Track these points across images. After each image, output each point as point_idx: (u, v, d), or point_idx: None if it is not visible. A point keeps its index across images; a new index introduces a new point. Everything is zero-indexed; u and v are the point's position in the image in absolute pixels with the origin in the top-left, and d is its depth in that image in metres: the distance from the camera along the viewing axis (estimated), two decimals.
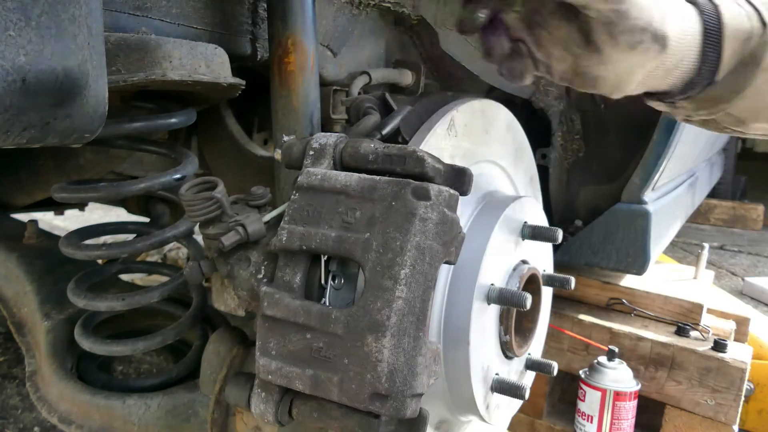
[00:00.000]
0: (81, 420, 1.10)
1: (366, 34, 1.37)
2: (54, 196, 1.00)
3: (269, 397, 0.73)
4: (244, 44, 1.09)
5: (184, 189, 0.78)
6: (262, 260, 0.77)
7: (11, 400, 2.24)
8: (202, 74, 0.87)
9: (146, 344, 1.08)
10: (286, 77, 1.03)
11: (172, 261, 3.54)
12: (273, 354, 0.69)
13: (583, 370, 1.62)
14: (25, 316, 1.33)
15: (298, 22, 1.00)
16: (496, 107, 1.15)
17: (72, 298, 1.09)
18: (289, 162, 0.81)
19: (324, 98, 1.20)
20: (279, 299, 0.69)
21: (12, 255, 1.41)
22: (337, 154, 0.77)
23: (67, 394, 1.12)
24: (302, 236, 0.69)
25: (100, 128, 0.66)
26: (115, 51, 0.77)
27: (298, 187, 0.73)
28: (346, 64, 1.33)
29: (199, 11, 0.98)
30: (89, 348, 1.09)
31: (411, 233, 0.65)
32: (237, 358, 0.89)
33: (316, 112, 1.08)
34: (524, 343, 1.10)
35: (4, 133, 0.55)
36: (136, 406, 1.08)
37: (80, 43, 0.57)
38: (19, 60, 0.51)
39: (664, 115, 1.69)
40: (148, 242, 1.08)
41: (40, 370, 1.22)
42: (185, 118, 0.98)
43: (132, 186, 0.97)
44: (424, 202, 0.67)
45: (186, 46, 0.85)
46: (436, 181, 0.71)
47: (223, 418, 0.90)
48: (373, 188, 0.69)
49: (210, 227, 0.77)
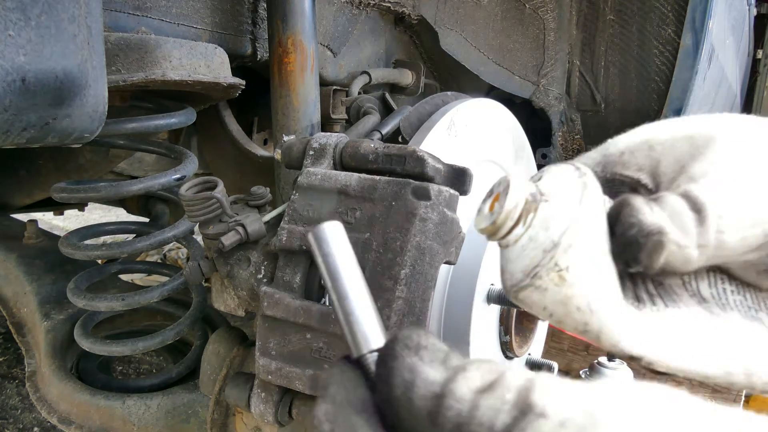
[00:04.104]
0: (81, 420, 1.10)
1: (366, 34, 1.37)
2: (54, 196, 1.00)
3: (269, 397, 0.73)
4: (244, 44, 1.09)
5: (183, 189, 0.78)
6: (262, 260, 0.77)
7: (11, 400, 2.24)
8: (202, 74, 0.87)
9: (146, 344, 1.08)
10: (286, 77, 1.03)
11: (172, 261, 3.54)
12: (273, 354, 0.69)
13: (583, 370, 1.62)
14: (24, 316, 1.33)
15: (298, 22, 0.99)
16: (496, 107, 1.15)
17: (72, 298, 1.08)
18: (289, 162, 0.81)
19: (324, 98, 1.20)
20: (279, 299, 0.69)
21: (12, 255, 1.41)
22: (337, 154, 0.77)
23: (67, 394, 1.12)
24: (302, 236, 0.69)
25: (100, 128, 0.66)
26: (115, 51, 0.77)
27: (298, 187, 0.73)
28: (346, 64, 1.33)
29: (199, 11, 0.98)
30: (89, 348, 1.09)
31: (411, 233, 0.65)
32: (237, 358, 0.89)
33: (316, 112, 1.08)
34: (524, 343, 1.10)
35: (4, 133, 0.55)
36: (136, 406, 1.08)
37: (80, 43, 0.57)
38: (18, 60, 0.51)
39: (664, 115, 1.69)
40: (148, 242, 1.08)
41: (40, 370, 1.22)
42: (185, 118, 0.98)
43: (132, 186, 0.97)
44: (424, 202, 0.66)
45: (186, 46, 0.85)
46: (436, 181, 0.71)
47: (222, 418, 0.90)
48: (373, 188, 0.69)
49: (210, 227, 0.77)
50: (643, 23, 1.69)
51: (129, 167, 1.66)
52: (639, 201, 0.41)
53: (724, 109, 2.44)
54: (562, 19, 1.74)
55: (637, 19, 1.70)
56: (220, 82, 0.90)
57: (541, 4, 1.67)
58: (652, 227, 0.40)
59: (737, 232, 0.41)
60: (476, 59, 1.55)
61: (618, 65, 1.76)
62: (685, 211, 0.41)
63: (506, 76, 1.67)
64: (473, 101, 1.05)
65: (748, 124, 0.46)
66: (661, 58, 1.69)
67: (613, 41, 1.75)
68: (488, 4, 1.55)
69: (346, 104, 1.15)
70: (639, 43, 1.71)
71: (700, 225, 0.41)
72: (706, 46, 1.64)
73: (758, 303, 0.47)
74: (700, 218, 0.41)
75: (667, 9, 1.64)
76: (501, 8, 1.59)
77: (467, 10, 1.50)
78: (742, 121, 0.46)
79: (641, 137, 0.48)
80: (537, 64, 1.74)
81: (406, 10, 1.35)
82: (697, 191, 0.41)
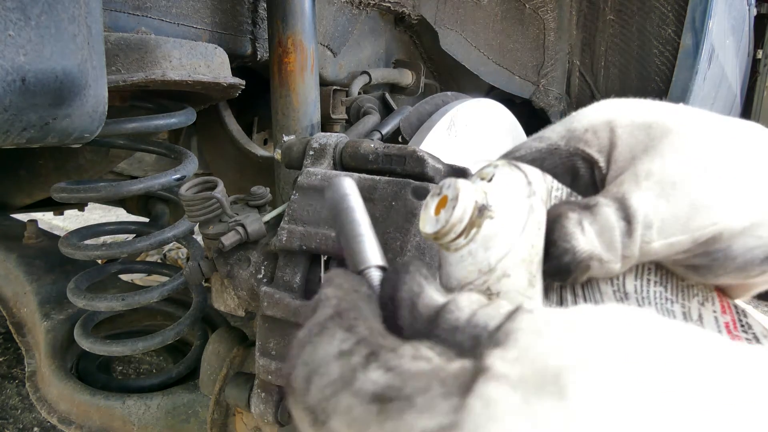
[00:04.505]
0: (81, 420, 1.10)
1: (366, 34, 1.37)
2: (54, 196, 1.00)
3: (269, 397, 0.73)
4: (244, 44, 1.09)
5: (183, 189, 0.78)
6: (261, 260, 0.77)
7: (11, 400, 2.24)
8: (202, 74, 0.87)
9: (146, 344, 1.08)
10: (286, 77, 1.03)
11: (172, 261, 3.54)
12: (273, 354, 0.69)
13: None
14: (24, 316, 1.33)
15: (298, 22, 0.99)
16: (496, 107, 1.15)
17: (72, 298, 1.08)
18: (289, 162, 0.81)
19: (324, 98, 1.20)
20: (279, 299, 0.69)
21: (12, 255, 1.41)
22: (337, 154, 0.77)
23: (67, 394, 1.12)
24: (302, 236, 0.69)
25: (100, 128, 0.66)
26: (115, 51, 0.77)
27: (298, 187, 0.73)
28: (346, 64, 1.33)
29: (199, 11, 0.98)
30: (89, 348, 1.09)
31: (411, 233, 0.65)
32: (237, 358, 0.89)
33: (316, 112, 1.08)
34: None
35: (4, 133, 0.55)
36: (136, 406, 1.08)
37: (80, 42, 0.57)
38: (18, 60, 0.51)
39: None
40: (148, 242, 1.08)
41: (40, 370, 1.22)
42: (185, 118, 0.98)
43: (132, 186, 0.97)
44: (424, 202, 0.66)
45: (186, 46, 0.85)
46: (436, 181, 0.71)
47: (222, 418, 0.90)
48: (373, 188, 0.69)
49: (210, 227, 0.77)
50: (643, 23, 1.69)
51: (129, 167, 1.66)
52: (572, 224, 0.43)
53: (724, 109, 2.44)
54: (562, 19, 1.74)
55: (637, 19, 1.70)
56: (220, 82, 0.90)
57: (541, 4, 1.67)
58: (584, 255, 0.43)
59: (665, 240, 0.43)
60: (476, 59, 1.55)
61: (618, 65, 1.76)
62: (615, 226, 0.43)
63: (506, 76, 1.67)
64: (473, 101, 1.05)
65: (706, 123, 0.47)
66: (661, 58, 1.69)
67: (613, 41, 1.75)
68: (488, 4, 1.55)
69: (346, 104, 1.15)
70: (639, 43, 1.71)
71: (627, 236, 0.43)
72: (706, 46, 1.64)
73: (676, 293, 0.49)
74: (628, 230, 0.43)
75: (667, 9, 1.64)
76: (501, 8, 1.59)
77: (467, 10, 1.50)
78: (702, 120, 0.47)
79: (605, 116, 0.49)
80: (537, 64, 1.74)
81: (406, 10, 1.35)
82: (632, 199, 0.43)
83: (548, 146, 0.50)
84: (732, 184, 0.44)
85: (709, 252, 0.44)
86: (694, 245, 0.44)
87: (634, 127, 0.48)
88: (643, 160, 0.46)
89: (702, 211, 0.43)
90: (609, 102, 0.51)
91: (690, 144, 0.45)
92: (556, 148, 0.50)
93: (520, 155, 0.51)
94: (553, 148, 0.50)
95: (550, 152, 0.50)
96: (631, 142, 0.48)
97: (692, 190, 0.43)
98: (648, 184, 0.44)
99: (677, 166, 0.44)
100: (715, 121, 0.47)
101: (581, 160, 0.50)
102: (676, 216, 0.43)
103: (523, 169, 0.45)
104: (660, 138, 0.46)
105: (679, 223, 0.43)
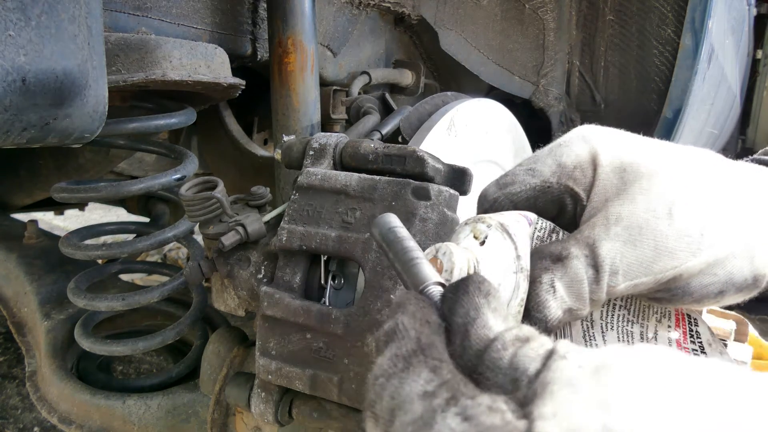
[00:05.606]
0: (81, 420, 1.10)
1: (366, 34, 1.37)
2: (54, 196, 1.00)
3: (269, 397, 0.73)
4: (244, 44, 1.09)
5: (184, 189, 0.78)
6: (262, 260, 0.77)
7: (11, 400, 2.24)
8: (202, 74, 0.87)
9: (146, 344, 1.08)
10: (286, 77, 1.03)
11: (172, 261, 3.54)
12: (273, 354, 0.69)
13: None
14: (25, 316, 1.33)
15: (298, 22, 1.00)
16: (496, 107, 1.15)
17: (72, 298, 1.08)
18: (289, 162, 0.81)
19: (324, 98, 1.20)
20: (279, 299, 0.69)
21: (12, 255, 1.41)
22: (337, 154, 0.77)
23: (67, 394, 1.12)
24: (302, 236, 0.69)
25: (100, 128, 0.66)
26: (115, 51, 0.77)
27: (298, 187, 0.73)
28: (346, 64, 1.33)
29: (199, 11, 0.98)
30: (89, 348, 1.09)
31: (411, 233, 0.65)
32: (237, 358, 0.89)
33: (316, 112, 1.08)
34: None
35: (4, 133, 0.55)
36: (136, 406, 1.08)
37: (80, 43, 0.57)
38: (18, 60, 0.51)
39: (663, 115, 1.69)
40: (148, 242, 1.08)
41: (40, 370, 1.22)
42: (185, 118, 0.98)
43: (132, 186, 0.97)
44: (424, 202, 0.67)
45: (186, 46, 0.85)
46: (436, 181, 0.71)
47: (223, 418, 0.90)
48: (373, 188, 0.69)
49: (210, 227, 0.77)
50: (643, 23, 1.69)
51: (129, 167, 1.66)
52: (544, 290, 0.48)
53: (723, 109, 2.44)
54: (562, 20, 1.74)
55: (637, 19, 1.70)
56: (221, 82, 0.90)
57: (541, 4, 1.67)
58: (554, 323, 0.48)
59: (630, 281, 0.48)
60: (476, 59, 1.55)
61: (618, 65, 1.76)
62: (584, 278, 0.48)
63: (506, 76, 1.67)
64: (473, 101, 1.05)
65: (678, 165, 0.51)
66: (661, 58, 1.69)
67: (612, 41, 1.75)
68: (488, 5, 1.55)
69: (346, 104, 1.15)
70: (639, 43, 1.71)
71: (595, 283, 0.48)
72: (706, 47, 1.64)
73: (637, 315, 0.55)
74: (596, 277, 0.48)
75: (667, 9, 1.64)
76: (501, 8, 1.59)
77: (467, 11, 1.50)
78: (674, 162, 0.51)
79: (590, 152, 0.53)
80: (537, 64, 1.74)
81: (406, 11, 1.35)
82: (601, 248, 0.48)
83: (541, 183, 0.55)
84: (694, 226, 0.48)
85: (669, 289, 0.49)
86: (656, 285, 0.48)
87: (611, 169, 0.52)
88: (614, 204, 0.50)
89: (665, 256, 0.47)
90: (594, 133, 0.55)
91: (658, 188, 0.49)
92: (549, 186, 0.55)
93: (515, 192, 0.55)
94: (545, 186, 0.55)
95: (543, 191, 0.55)
96: (607, 184, 0.52)
97: (656, 235, 0.48)
98: (617, 230, 0.48)
99: (644, 212, 0.48)
100: (687, 162, 0.51)
101: (569, 197, 0.55)
102: (641, 261, 0.48)
103: (515, 239, 0.49)
104: (632, 182, 0.51)
105: (643, 267, 0.48)
